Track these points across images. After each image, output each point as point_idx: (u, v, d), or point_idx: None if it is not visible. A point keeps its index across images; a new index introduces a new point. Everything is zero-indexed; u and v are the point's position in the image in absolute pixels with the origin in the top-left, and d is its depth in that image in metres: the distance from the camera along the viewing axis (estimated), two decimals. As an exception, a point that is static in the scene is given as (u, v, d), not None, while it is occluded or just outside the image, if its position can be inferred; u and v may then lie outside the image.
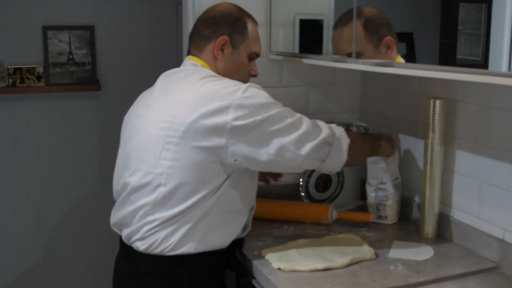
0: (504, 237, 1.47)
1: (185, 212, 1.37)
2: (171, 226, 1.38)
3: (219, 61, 1.52)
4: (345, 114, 2.14)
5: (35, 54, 2.92)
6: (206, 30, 1.52)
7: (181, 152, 1.35)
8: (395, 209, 1.79)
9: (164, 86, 1.48)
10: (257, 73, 1.61)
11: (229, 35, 1.51)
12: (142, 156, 1.41)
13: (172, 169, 1.36)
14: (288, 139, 1.39)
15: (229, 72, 1.52)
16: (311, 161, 1.44)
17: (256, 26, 1.59)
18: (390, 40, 1.52)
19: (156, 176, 1.37)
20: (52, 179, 3.05)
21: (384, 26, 1.58)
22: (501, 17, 1.15)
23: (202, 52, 1.53)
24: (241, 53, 1.54)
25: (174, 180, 1.36)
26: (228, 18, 1.52)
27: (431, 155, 1.62)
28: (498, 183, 1.49)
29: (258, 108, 1.36)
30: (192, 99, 1.36)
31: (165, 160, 1.36)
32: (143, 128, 1.44)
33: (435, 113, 1.59)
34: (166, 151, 1.36)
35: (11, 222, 3.01)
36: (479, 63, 1.31)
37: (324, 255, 1.48)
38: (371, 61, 1.47)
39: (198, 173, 1.36)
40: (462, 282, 1.38)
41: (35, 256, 3.08)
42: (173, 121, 1.36)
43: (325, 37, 1.86)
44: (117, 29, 3.05)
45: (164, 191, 1.37)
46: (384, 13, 1.60)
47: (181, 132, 1.34)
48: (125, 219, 1.45)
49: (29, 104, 2.97)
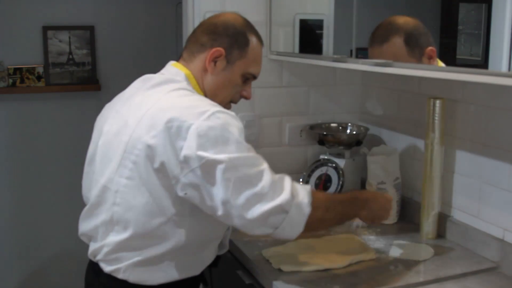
0: (504, 237, 1.47)
1: (145, 239, 1.27)
2: (132, 251, 1.29)
3: (208, 74, 1.38)
4: (345, 114, 2.13)
5: (35, 54, 2.92)
6: (204, 37, 1.39)
7: (137, 171, 1.24)
8: (395, 209, 1.79)
9: (134, 92, 1.39)
10: (250, 96, 1.46)
11: (226, 48, 1.37)
12: (103, 171, 1.32)
13: (127, 188, 1.26)
14: (235, 196, 1.18)
15: (216, 88, 1.39)
16: (259, 227, 1.23)
17: (260, 45, 1.44)
18: (432, 50, 1.42)
19: (112, 193, 1.28)
20: (52, 179, 3.05)
21: (423, 36, 1.48)
22: (501, 17, 1.15)
23: (193, 60, 1.39)
24: (235, 71, 1.39)
25: (127, 202, 1.26)
26: (230, 29, 1.39)
27: (431, 155, 1.62)
28: (498, 183, 1.49)
29: (216, 143, 1.18)
30: (152, 115, 1.24)
31: (121, 178, 1.26)
32: (109, 137, 1.34)
33: (435, 113, 1.59)
34: (123, 168, 1.26)
35: (10, 222, 3.01)
36: (479, 63, 1.31)
37: (324, 255, 1.48)
38: (371, 61, 1.46)
39: (153, 196, 1.24)
40: (462, 282, 1.38)
41: (34, 256, 3.08)
42: (132, 136, 1.25)
43: (325, 37, 1.86)
44: (117, 29, 3.06)
45: (119, 211, 1.27)
46: (418, 21, 1.51)
47: (138, 150, 1.23)
48: (91, 232, 1.36)
49: (29, 104, 2.97)
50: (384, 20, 1.52)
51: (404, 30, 1.49)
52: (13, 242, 3.03)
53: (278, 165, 2.05)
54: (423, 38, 1.48)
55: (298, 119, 2.08)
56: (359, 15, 1.56)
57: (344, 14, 1.73)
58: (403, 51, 1.48)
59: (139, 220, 1.26)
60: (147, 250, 1.28)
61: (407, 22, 1.52)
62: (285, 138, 2.07)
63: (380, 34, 1.54)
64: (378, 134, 2.02)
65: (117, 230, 1.29)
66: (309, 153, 2.10)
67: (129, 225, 1.27)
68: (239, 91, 1.44)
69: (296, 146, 2.09)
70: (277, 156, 2.06)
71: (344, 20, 1.72)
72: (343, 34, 1.72)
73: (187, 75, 1.37)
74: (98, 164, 1.35)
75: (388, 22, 1.51)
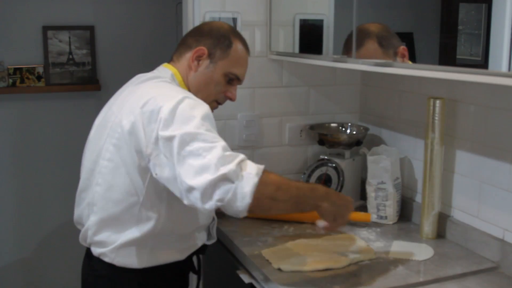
0: (504, 237, 1.47)
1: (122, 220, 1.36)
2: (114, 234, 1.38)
3: (192, 72, 1.48)
4: (345, 114, 2.14)
5: (35, 54, 2.92)
6: (191, 39, 1.51)
7: (118, 153, 1.35)
8: (395, 209, 1.79)
9: (124, 89, 1.49)
10: (234, 97, 1.54)
11: (209, 48, 1.47)
12: (89, 157, 1.45)
13: (107, 168, 1.37)
14: (182, 166, 1.21)
15: (199, 86, 1.48)
16: (207, 199, 1.19)
17: (244, 50, 1.53)
18: (404, 49, 1.50)
19: (94, 175, 1.40)
20: (52, 179, 3.05)
21: (393, 38, 1.56)
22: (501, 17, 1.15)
23: (180, 60, 1.51)
24: (217, 70, 1.48)
25: (107, 182, 1.37)
26: (214, 32, 1.49)
27: (431, 155, 1.62)
28: (498, 183, 1.49)
29: (177, 122, 1.24)
30: (131, 101, 1.35)
31: (103, 160, 1.38)
32: (96, 128, 1.47)
33: (435, 113, 1.59)
34: (105, 151, 1.38)
35: (10, 222, 3.01)
36: (479, 63, 1.31)
37: (324, 255, 1.48)
38: (371, 61, 1.47)
39: (130, 176, 1.34)
40: (462, 282, 1.38)
41: (34, 255, 3.08)
42: (114, 122, 1.37)
43: (325, 37, 1.86)
44: (117, 29, 3.06)
45: (99, 191, 1.38)
46: (384, 24, 1.62)
47: (118, 133, 1.34)
48: (79, 217, 1.47)
49: (29, 104, 2.97)
50: (352, 30, 1.55)
51: (375, 34, 1.57)
52: (15, 241, 3.03)
53: (278, 165, 2.06)
54: (394, 39, 1.55)
55: (298, 119, 2.08)
56: (359, 15, 1.56)
57: (344, 14, 1.73)
58: (379, 52, 1.56)
59: (116, 200, 1.35)
60: (126, 233, 1.36)
61: (375, 26, 1.61)
62: (285, 138, 2.07)
63: (357, 39, 1.57)
64: (378, 134, 2.02)
65: (95, 211, 1.38)
66: (309, 153, 2.11)
67: (107, 205, 1.36)
68: (223, 91, 1.51)
69: (296, 146, 2.09)
70: (277, 156, 2.06)
71: (344, 20, 1.71)
72: (343, 34, 1.72)
73: (174, 73, 1.48)
74: (87, 152, 1.47)
75: (358, 29, 1.55)
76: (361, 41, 1.55)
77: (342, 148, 1.95)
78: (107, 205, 1.37)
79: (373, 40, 1.56)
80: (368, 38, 1.56)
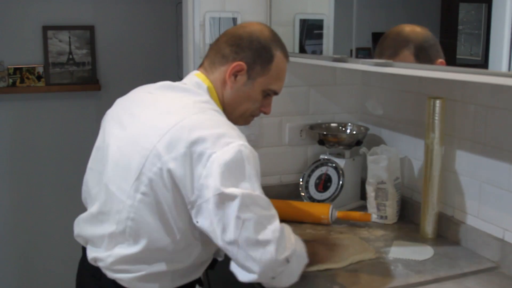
0: (504, 237, 1.47)
1: (153, 256, 1.25)
2: (139, 265, 1.26)
3: (228, 88, 1.34)
4: (345, 114, 2.14)
5: (35, 54, 2.92)
6: (227, 49, 1.34)
7: (153, 189, 1.20)
8: (395, 209, 1.79)
9: (156, 98, 1.33)
10: (269, 112, 1.43)
11: (248, 63, 1.33)
12: (115, 179, 1.27)
13: (142, 203, 1.21)
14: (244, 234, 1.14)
15: (235, 103, 1.36)
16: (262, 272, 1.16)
17: (285, 61, 1.40)
18: (442, 63, 1.37)
19: (127, 207, 1.23)
20: (51, 179, 3.05)
21: (432, 48, 1.43)
22: (501, 17, 1.15)
23: (214, 72, 1.36)
24: (255, 87, 1.35)
25: (142, 217, 1.22)
26: (254, 43, 1.34)
27: (431, 155, 1.62)
28: (498, 183, 1.49)
29: (234, 178, 1.14)
30: (175, 133, 1.18)
31: (137, 193, 1.21)
32: (124, 143, 1.28)
33: (435, 113, 1.59)
34: (139, 183, 1.21)
35: (10, 221, 3.01)
36: (479, 63, 1.31)
37: (324, 255, 1.48)
38: (371, 61, 1.46)
39: (167, 215, 1.21)
40: (462, 282, 1.38)
41: (34, 256, 3.08)
42: (152, 151, 1.19)
43: (325, 37, 1.86)
44: (117, 29, 3.06)
45: (133, 226, 1.23)
46: (427, 31, 1.45)
47: (156, 168, 1.18)
48: (95, 238, 1.33)
49: (29, 104, 2.97)
50: (391, 30, 1.46)
51: (413, 43, 1.44)
52: (13, 242, 3.03)
53: (278, 165, 2.06)
54: (432, 50, 1.43)
55: (298, 119, 2.08)
56: (359, 15, 1.56)
57: (344, 14, 1.73)
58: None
59: (151, 237, 1.23)
60: (153, 266, 1.26)
61: (416, 33, 1.46)
62: (285, 138, 2.07)
63: (388, 46, 1.49)
64: (378, 134, 2.02)
65: (127, 244, 1.26)
66: (309, 153, 2.11)
67: (140, 240, 1.24)
68: (260, 107, 1.40)
69: (296, 146, 2.09)
70: (277, 156, 2.06)
71: (344, 20, 1.72)
72: (343, 34, 1.72)
73: (209, 88, 1.34)
74: (109, 169, 1.29)
75: (396, 33, 1.46)
76: (397, 48, 1.45)
77: (342, 148, 1.95)
78: (140, 241, 1.24)
79: (409, 50, 1.44)
80: (404, 48, 1.45)
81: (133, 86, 1.43)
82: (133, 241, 1.25)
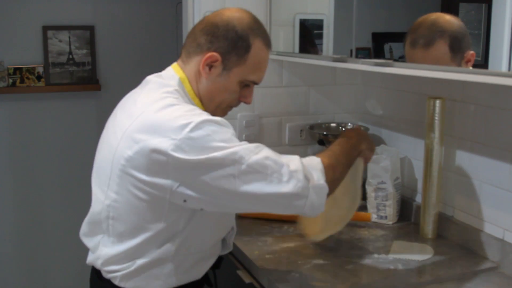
0: (504, 237, 1.47)
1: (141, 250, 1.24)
2: (125, 263, 1.25)
3: (203, 78, 1.30)
4: (345, 114, 2.14)
5: (35, 54, 2.92)
6: (202, 38, 1.29)
7: (124, 187, 1.19)
8: (395, 209, 1.79)
9: (131, 96, 1.33)
10: (250, 101, 1.37)
11: (223, 53, 1.27)
12: (96, 181, 1.30)
13: (117, 202, 1.22)
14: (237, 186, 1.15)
15: (211, 94, 1.31)
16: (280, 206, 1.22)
17: (265, 49, 1.33)
18: (472, 55, 1.34)
19: (105, 207, 1.24)
20: (51, 179, 3.05)
21: (465, 39, 1.39)
22: (501, 17, 1.15)
23: (189, 62, 1.31)
24: (231, 77, 1.29)
25: (121, 215, 1.23)
26: (230, 32, 1.27)
27: (431, 155, 1.62)
28: (498, 183, 1.49)
29: (202, 149, 1.13)
30: (135, 128, 1.17)
31: (112, 192, 1.22)
32: (102, 147, 1.32)
33: (435, 113, 1.59)
34: (112, 182, 1.21)
35: (10, 221, 3.01)
36: (479, 63, 1.32)
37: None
38: (371, 61, 1.46)
39: (145, 211, 1.20)
40: (462, 282, 1.38)
41: (34, 256, 3.08)
42: (116, 149, 1.20)
43: (325, 37, 1.86)
44: (117, 29, 3.06)
45: (114, 225, 1.24)
46: (460, 21, 1.41)
47: (121, 165, 1.18)
48: (90, 241, 1.34)
49: (29, 104, 2.97)
50: (425, 18, 1.43)
51: (449, 34, 1.40)
52: (14, 242, 3.03)
53: (278, 165, 2.06)
54: (465, 41, 1.39)
55: (298, 119, 2.08)
56: (359, 15, 1.56)
57: (344, 14, 1.73)
58: (447, 57, 1.39)
59: (132, 234, 1.23)
60: (139, 260, 1.25)
61: (451, 23, 1.42)
62: (285, 138, 2.07)
63: (423, 35, 1.44)
64: (378, 134, 2.02)
65: (112, 242, 1.27)
66: (309, 153, 2.10)
67: (123, 239, 1.24)
68: (238, 97, 1.35)
69: (296, 146, 2.09)
70: (277, 156, 2.06)
71: (344, 20, 1.72)
72: (343, 34, 1.72)
73: (182, 79, 1.31)
74: (94, 171, 1.34)
75: (431, 22, 1.42)
76: (432, 40, 1.41)
77: (342, 148, 1.95)
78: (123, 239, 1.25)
79: (444, 41, 1.39)
80: (440, 38, 1.40)
81: (133, 86, 1.43)
82: (116, 241, 1.26)
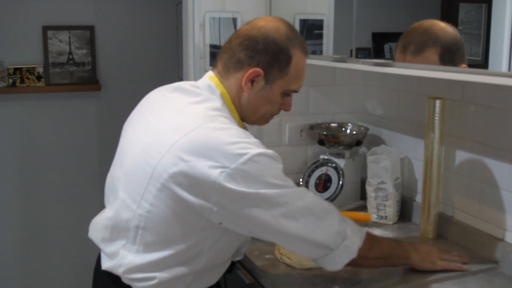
0: (504, 237, 1.47)
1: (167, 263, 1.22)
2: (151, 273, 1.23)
3: (245, 93, 1.28)
4: (345, 114, 2.14)
5: (35, 54, 2.92)
6: (241, 53, 1.27)
7: (162, 200, 1.17)
8: (395, 209, 1.79)
9: (168, 103, 1.29)
10: (290, 108, 1.38)
11: (265, 67, 1.26)
12: (126, 187, 1.25)
13: (151, 214, 1.19)
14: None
15: (253, 108, 1.31)
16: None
17: (303, 57, 1.32)
18: (465, 68, 1.33)
19: (136, 216, 1.21)
20: (52, 179, 3.05)
21: (458, 53, 1.38)
22: (501, 17, 1.15)
23: (229, 77, 1.29)
24: (274, 90, 1.29)
25: (152, 227, 1.20)
26: (270, 46, 1.26)
27: (431, 155, 1.62)
28: (498, 183, 1.49)
29: (252, 183, 1.14)
30: (185, 145, 1.15)
31: (146, 203, 1.19)
32: (134, 151, 1.26)
33: (435, 113, 1.59)
34: (148, 193, 1.19)
35: (10, 222, 3.01)
36: (479, 63, 1.32)
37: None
38: (371, 61, 1.46)
39: (178, 225, 1.19)
40: (462, 282, 1.38)
41: (34, 256, 3.08)
42: (160, 162, 1.17)
43: (325, 37, 1.86)
44: (117, 29, 3.06)
45: (144, 235, 1.21)
46: (456, 31, 1.38)
47: (163, 179, 1.16)
48: (109, 246, 1.30)
49: (29, 104, 2.97)
50: (420, 23, 1.41)
51: (441, 43, 1.39)
52: (15, 241, 3.03)
53: (278, 165, 2.06)
54: (458, 53, 1.38)
55: (298, 119, 2.08)
56: (359, 15, 1.56)
57: (344, 14, 1.73)
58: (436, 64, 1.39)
59: (160, 245, 1.21)
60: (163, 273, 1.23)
61: (446, 33, 1.40)
62: (285, 138, 2.07)
63: (415, 41, 1.44)
64: (378, 134, 2.02)
65: (136, 251, 1.24)
66: (309, 153, 2.11)
67: (150, 249, 1.22)
68: (279, 106, 1.36)
69: (296, 146, 2.09)
70: (277, 156, 2.06)
71: (344, 20, 1.72)
72: (343, 34, 1.72)
73: (223, 94, 1.29)
74: (121, 176, 1.28)
75: (425, 29, 1.41)
76: (422, 47, 1.40)
77: (342, 148, 1.95)
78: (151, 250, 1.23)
79: (435, 50, 1.38)
80: (431, 46, 1.40)
81: (133, 86, 1.43)
82: (143, 250, 1.23)
